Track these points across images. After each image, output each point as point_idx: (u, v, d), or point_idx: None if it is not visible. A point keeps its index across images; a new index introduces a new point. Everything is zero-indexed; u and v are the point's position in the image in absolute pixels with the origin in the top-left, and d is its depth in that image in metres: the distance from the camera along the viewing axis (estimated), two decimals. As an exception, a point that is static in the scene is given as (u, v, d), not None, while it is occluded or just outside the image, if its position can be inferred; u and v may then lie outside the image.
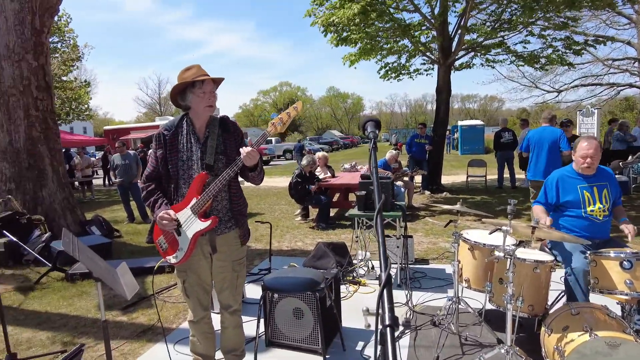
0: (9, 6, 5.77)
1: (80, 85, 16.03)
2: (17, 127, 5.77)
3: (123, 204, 8.38)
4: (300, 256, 5.33)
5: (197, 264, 2.45)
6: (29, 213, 5.55)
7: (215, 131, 2.39)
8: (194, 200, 2.29)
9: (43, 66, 6.13)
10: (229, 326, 2.59)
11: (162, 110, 59.38)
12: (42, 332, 3.54)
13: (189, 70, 2.29)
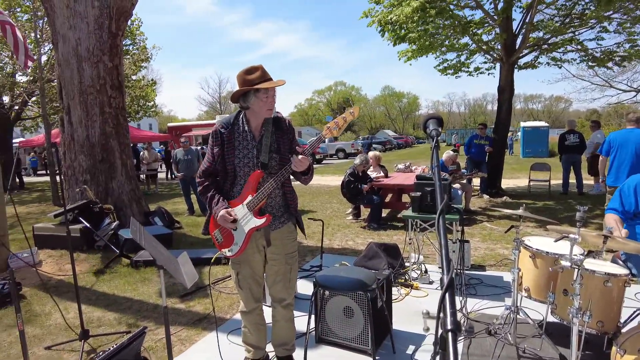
0: (91, 12, 6.25)
1: (148, 84, 17.03)
2: (93, 123, 6.26)
3: (184, 197, 8.83)
4: (350, 255, 5.32)
5: (250, 257, 2.52)
6: (101, 202, 6.00)
7: (270, 129, 2.44)
8: (249, 198, 2.36)
9: (117, 67, 6.59)
10: (280, 319, 2.65)
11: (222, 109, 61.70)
12: (110, 312, 3.82)
13: (252, 73, 2.31)
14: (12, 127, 16.08)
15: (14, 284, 2.01)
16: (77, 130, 6.26)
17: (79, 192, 5.97)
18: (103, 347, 3.15)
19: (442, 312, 0.66)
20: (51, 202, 11.10)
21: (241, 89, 2.33)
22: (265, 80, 2.31)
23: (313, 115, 71.95)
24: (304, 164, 2.29)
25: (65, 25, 6.29)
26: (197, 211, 8.73)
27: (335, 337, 3.03)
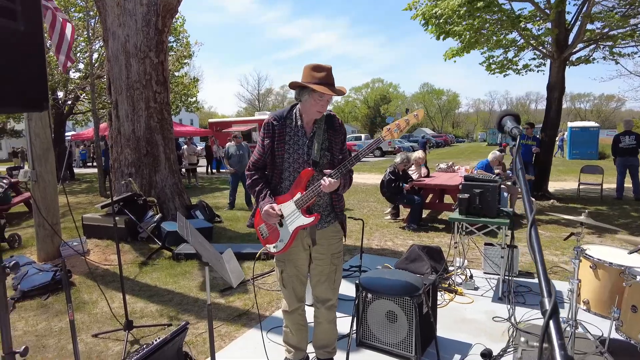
0: (139, 10, 6.41)
1: (190, 81, 17.45)
2: (139, 117, 6.43)
3: (230, 191, 8.99)
4: (390, 256, 5.20)
5: (295, 256, 2.48)
6: (145, 195, 6.17)
7: (322, 127, 2.38)
8: (298, 195, 2.30)
9: (162, 62, 6.73)
10: (323, 321, 2.59)
11: (260, 106, 62.59)
12: (152, 304, 3.89)
13: (319, 71, 2.25)
14: (65, 121, 16.94)
15: (65, 274, 2.05)
16: (123, 124, 6.46)
17: (125, 185, 6.15)
18: (146, 338, 3.20)
19: (548, 342, 0.56)
20: (98, 193, 11.59)
21: (301, 82, 2.27)
22: (327, 84, 2.23)
23: (349, 112, 71.58)
24: (332, 187, 2.21)
25: (115, 22, 6.49)
26: (238, 206, 8.86)
27: (376, 342, 2.94)
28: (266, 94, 67.87)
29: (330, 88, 2.23)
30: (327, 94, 2.22)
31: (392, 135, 2.19)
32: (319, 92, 2.22)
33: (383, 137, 2.21)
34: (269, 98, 68.72)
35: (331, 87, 2.25)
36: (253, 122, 21.79)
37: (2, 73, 1.85)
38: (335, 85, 2.29)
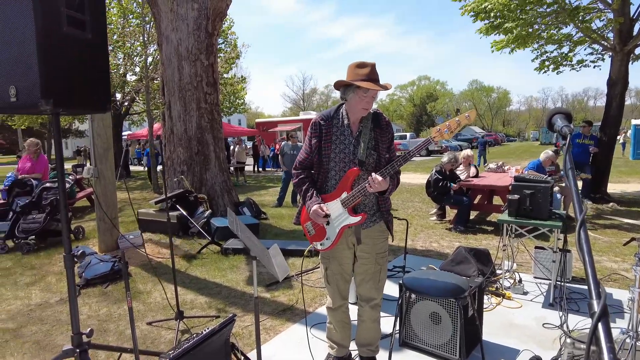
0: (190, 14, 6.70)
1: (238, 82, 17.96)
2: (190, 117, 6.73)
3: (281, 190, 9.20)
4: (435, 258, 5.11)
5: (340, 254, 2.51)
6: (195, 192, 6.44)
7: (368, 126, 2.39)
8: (344, 195, 2.33)
9: (212, 65, 7.00)
10: (367, 320, 2.60)
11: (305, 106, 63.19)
12: (201, 296, 4.07)
13: (362, 68, 2.26)
14: (122, 121, 17.98)
15: (125, 265, 2.21)
16: (176, 124, 6.77)
17: (177, 182, 6.46)
18: (195, 328, 3.36)
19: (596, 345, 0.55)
20: (151, 189, 12.22)
21: (343, 80, 2.30)
22: (371, 80, 2.25)
23: (394, 111, 70.64)
24: (381, 186, 2.19)
25: (168, 27, 6.82)
26: (285, 204, 9.05)
27: (419, 342, 2.92)
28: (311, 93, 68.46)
29: (374, 83, 2.24)
30: (372, 89, 2.23)
31: (442, 137, 2.16)
32: (363, 89, 2.24)
33: (433, 138, 2.19)
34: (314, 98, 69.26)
35: (375, 82, 2.26)
36: (298, 121, 22.11)
37: (73, 78, 2.02)
38: (379, 81, 2.30)
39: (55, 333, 3.39)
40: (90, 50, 2.12)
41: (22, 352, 3.10)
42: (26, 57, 1.88)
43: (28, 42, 1.86)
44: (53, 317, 3.68)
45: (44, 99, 1.85)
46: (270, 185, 13.48)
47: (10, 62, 1.94)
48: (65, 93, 1.96)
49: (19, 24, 1.89)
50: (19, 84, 1.91)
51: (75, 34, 2.02)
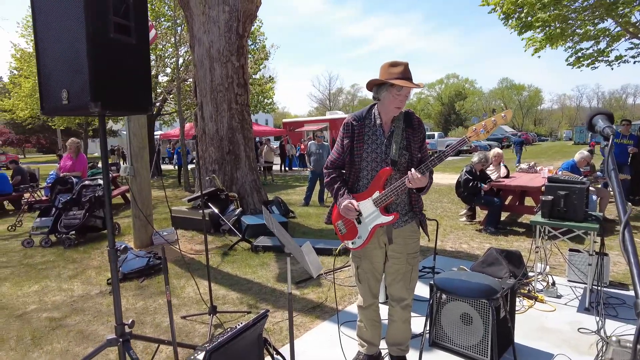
0: (222, 17, 6.85)
1: (266, 82, 18.19)
2: (221, 118, 6.88)
3: (307, 189, 9.29)
4: (465, 259, 5.05)
5: (371, 252, 2.53)
6: (226, 190, 6.59)
7: (400, 126, 2.41)
8: (376, 194, 2.36)
9: (243, 66, 7.13)
10: (397, 320, 2.61)
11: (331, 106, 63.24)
12: (233, 292, 4.17)
13: (395, 67, 2.28)
14: (154, 121, 18.51)
15: (164, 259, 2.30)
16: (208, 124, 6.94)
17: (209, 180, 6.62)
18: (228, 323, 3.46)
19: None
20: (182, 188, 12.54)
21: (377, 79, 2.33)
22: (404, 79, 2.27)
23: (422, 110, 69.71)
24: (421, 182, 2.21)
25: (200, 29, 6.99)
26: (312, 203, 9.13)
27: (450, 343, 2.91)
28: (337, 93, 68.41)
29: (407, 82, 2.26)
30: (405, 86, 2.24)
31: (477, 137, 2.15)
32: (396, 87, 2.25)
33: (468, 138, 2.18)
34: (340, 97, 69.19)
35: (409, 81, 2.27)
36: (324, 121, 22.17)
37: (119, 82, 2.13)
38: (413, 80, 2.32)
39: (97, 323, 3.56)
40: (134, 54, 2.23)
41: (68, 340, 3.27)
42: (77, 62, 2.00)
43: (79, 48, 1.97)
44: (94, 309, 3.86)
45: (93, 101, 1.96)
46: (297, 185, 13.60)
47: (62, 68, 2.06)
48: (112, 96, 2.07)
49: (71, 32, 2.01)
50: (70, 87, 2.04)
51: (121, 39, 2.13)
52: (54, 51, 2.09)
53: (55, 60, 2.10)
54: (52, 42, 2.10)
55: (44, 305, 3.99)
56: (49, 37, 2.11)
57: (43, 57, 2.15)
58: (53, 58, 2.11)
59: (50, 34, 2.10)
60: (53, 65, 2.11)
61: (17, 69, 20.67)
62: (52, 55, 2.11)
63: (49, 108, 2.18)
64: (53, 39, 2.09)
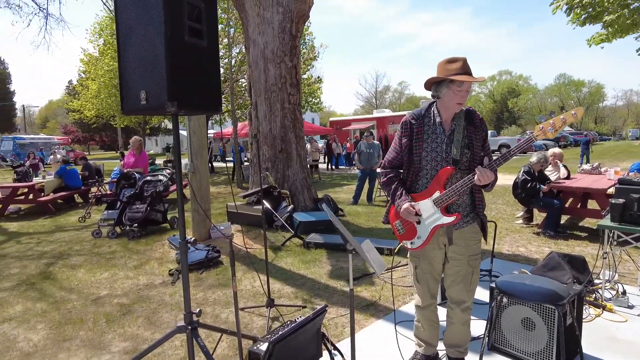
0: (276, 18, 7.00)
1: (314, 82, 18.36)
2: (275, 117, 7.04)
3: (356, 187, 9.32)
4: (523, 262, 4.86)
5: (430, 253, 2.51)
6: (279, 188, 6.74)
7: (461, 124, 2.37)
8: (437, 194, 2.34)
9: (295, 66, 7.25)
10: (457, 322, 2.58)
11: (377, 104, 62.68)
12: (287, 286, 4.27)
13: (453, 63, 2.27)
14: (208, 120, 19.23)
15: (232, 253, 2.41)
16: (262, 123, 7.13)
17: (262, 178, 6.80)
18: (285, 316, 3.55)
19: None
20: (235, 184, 12.95)
21: (436, 77, 2.31)
22: (464, 74, 2.24)
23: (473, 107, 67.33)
24: (490, 178, 2.17)
25: (255, 31, 7.18)
26: (360, 202, 9.13)
27: (510, 348, 2.83)
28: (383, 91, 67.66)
29: (467, 76, 2.23)
30: (466, 80, 2.21)
31: (545, 135, 2.09)
32: (457, 83, 2.22)
33: (535, 137, 2.12)
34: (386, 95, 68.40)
35: (468, 75, 2.24)
36: (371, 119, 22.03)
37: (192, 82, 2.25)
38: (472, 75, 2.28)
39: (162, 311, 3.78)
40: (205, 56, 2.35)
41: (137, 325, 3.50)
42: (155, 65, 2.14)
43: (158, 51, 2.11)
44: (158, 297, 4.10)
45: (170, 101, 2.09)
46: (344, 183, 13.63)
47: (141, 70, 2.21)
48: (186, 96, 2.19)
49: (150, 36, 2.15)
50: (148, 88, 2.18)
51: (194, 42, 2.26)
52: (134, 55, 2.24)
53: (135, 64, 2.24)
54: (133, 46, 2.24)
55: (114, 292, 4.28)
56: (129, 42, 2.26)
57: (124, 61, 2.30)
58: (133, 61, 2.25)
59: (131, 40, 2.25)
60: (132, 68, 2.26)
61: (85, 72, 22.21)
62: (132, 59, 2.26)
63: (128, 108, 2.34)
64: (133, 44, 2.24)
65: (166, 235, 6.40)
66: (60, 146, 27.57)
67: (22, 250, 6.15)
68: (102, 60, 18.78)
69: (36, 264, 5.34)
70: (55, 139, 34.54)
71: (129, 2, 2.23)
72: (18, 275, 4.92)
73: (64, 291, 4.36)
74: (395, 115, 21.68)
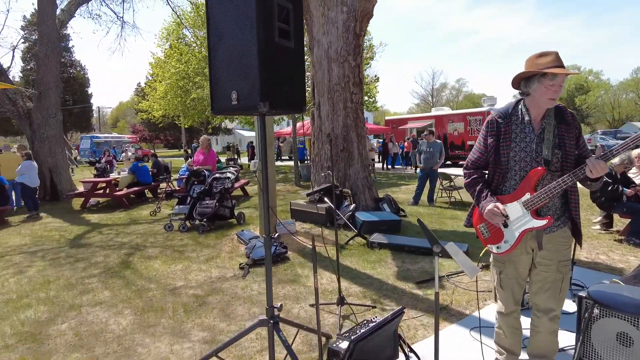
0: (340, 17, 7.03)
1: (371, 81, 18.23)
2: (337, 117, 7.07)
3: (417, 187, 9.17)
4: (605, 271, 4.54)
5: (517, 258, 2.41)
6: (340, 187, 6.76)
7: (552, 122, 2.25)
8: (527, 196, 2.24)
9: (358, 65, 7.24)
10: (543, 331, 2.45)
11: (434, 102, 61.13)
12: (355, 285, 4.28)
13: (544, 57, 2.17)
14: (265, 120, 19.71)
15: (314, 250, 2.45)
16: (324, 123, 7.19)
17: (324, 177, 6.86)
18: (356, 315, 3.55)
19: None
20: (293, 183, 13.18)
21: (525, 71, 2.21)
22: (556, 67, 2.13)
23: (536, 105, 63.62)
24: (603, 169, 2.03)
25: (320, 31, 7.25)
26: (421, 203, 8.96)
27: (603, 364, 2.63)
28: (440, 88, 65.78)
29: (561, 69, 2.12)
30: (561, 73, 2.10)
31: None
32: (549, 76, 2.12)
33: None
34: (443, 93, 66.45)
35: (561, 68, 2.13)
36: (429, 118, 21.49)
37: (281, 82, 2.31)
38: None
39: (235, 304, 3.92)
40: (292, 57, 2.40)
41: (213, 316, 3.66)
42: (247, 66, 2.21)
43: (250, 53, 2.18)
44: (231, 290, 4.26)
45: (262, 101, 2.16)
46: (401, 183, 13.42)
47: (232, 72, 2.30)
48: (276, 96, 2.25)
49: (241, 39, 2.22)
50: (239, 89, 2.26)
51: (283, 43, 2.32)
52: (225, 57, 2.33)
53: (225, 66, 2.33)
54: (223, 48, 2.33)
55: (189, 283, 4.51)
56: (220, 45, 2.35)
57: (214, 63, 2.40)
58: (223, 63, 2.34)
59: (222, 42, 2.34)
60: (223, 70, 2.35)
61: (154, 74, 23.58)
62: (222, 60, 2.34)
63: (218, 108, 2.44)
64: (224, 47, 2.33)
65: (233, 230, 6.65)
66: (130, 144, 29.53)
67: (104, 240, 6.64)
68: (169, 63, 19.85)
69: (117, 254, 5.75)
70: (125, 137, 37.12)
71: (220, 6, 2.32)
72: (103, 264, 5.32)
73: (144, 280, 4.65)
74: (455, 114, 20.99)
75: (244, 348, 3.10)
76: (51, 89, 11.01)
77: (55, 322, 3.66)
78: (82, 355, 3.09)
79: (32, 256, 5.82)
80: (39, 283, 4.67)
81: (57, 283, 4.65)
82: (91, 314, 3.80)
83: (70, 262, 5.44)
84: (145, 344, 3.23)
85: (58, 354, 3.12)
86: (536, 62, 2.19)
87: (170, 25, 20.93)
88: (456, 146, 19.66)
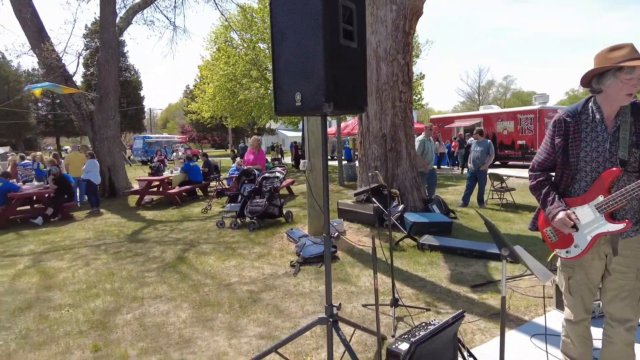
0: (389, 16, 6.97)
1: (417, 78, 17.92)
2: (385, 116, 7.02)
3: (466, 188, 8.94)
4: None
5: (588, 263, 2.28)
6: (388, 187, 6.71)
7: (628, 120, 2.12)
8: (600, 198, 2.12)
9: (407, 64, 7.14)
10: (618, 342, 2.31)
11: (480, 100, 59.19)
12: (407, 287, 4.23)
13: (618, 50, 2.03)
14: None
15: (374, 250, 2.46)
16: (372, 122, 7.15)
17: (371, 177, 6.82)
18: (409, 317, 3.52)
19: None
20: (337, 182, 13.21)
21: (598, 67, 2.09)
22: (634, 60, 2.00)
23: (593, 105, 60.01)
24: None
25: (368, 30, 7.20)
26: (470, 204, 8.72)
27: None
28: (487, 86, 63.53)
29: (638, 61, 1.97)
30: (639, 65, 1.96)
31: None
32: (626, 70, 1.98)
33: None
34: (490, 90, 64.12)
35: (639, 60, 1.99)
36: (477, 116, 20.82)
37: (345, 83, 2.33)
38: None
39: (288, 301, 3.99)
40: (355, 57, 2.42)
41: (267, 312, 3.75)
42: (310, 68, 2.25)
43: (316, 54, 2.21)
44: (283, 287, 4.34)
45: (327, 102, 2.18)
46: (449, 184, 13.10)
47: (295, 73, 2.34)
48: (340, 96, 2.27)
49: (306, 40, 2.26)
50: (304, 90, 2.30)
51: (347, 44, 2.33)
52: (288, 59, 2.38)
53: (289, 67, 2.38)
54: (287, 51, 2.38)
55: (243, 279, 4.64)
56: (283, 48, 2.40)
57: (278, 65, 2.45)
58: (287, 65, 2.39)
59: (285, 45, 2.38)
60: (286, 72, 2.40)
61: (202, 77, 24.41)
62: (285, 62, 2.40)
63: (281, 109, 2.49)
64: (287, 49, 2.37)
65: (282, 228, 6.77)
66: (180, 144, 30.74)
67: (160, 236, 6.97)
68: (217, 65, 20.47)
69: (173, 249, 6.02)
70: (175, 137, 38.70)
71: (284, 9, 2.36)
72: (160, 258, 5.59)
73: (200, 275, 4.84)
74: (504, 112, 20.20)
75: (300, 345, 3.15)
76: (110, 93, 11.69)
77: (121, 312, 3.89)
78: (147, 345, 3.26)
79: (96, 249, 6.21)
80: (104, 275, 4.97)
81: (120, 275, 4.93)
82: (152, 306, 4.00)
83: (130, 256, 5.75)
84: (204, 337, 3.36)
85: (126, 342, 3.31)
86: (609, 57, 2.06)
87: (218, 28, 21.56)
88: (506, 146, 18.91)
